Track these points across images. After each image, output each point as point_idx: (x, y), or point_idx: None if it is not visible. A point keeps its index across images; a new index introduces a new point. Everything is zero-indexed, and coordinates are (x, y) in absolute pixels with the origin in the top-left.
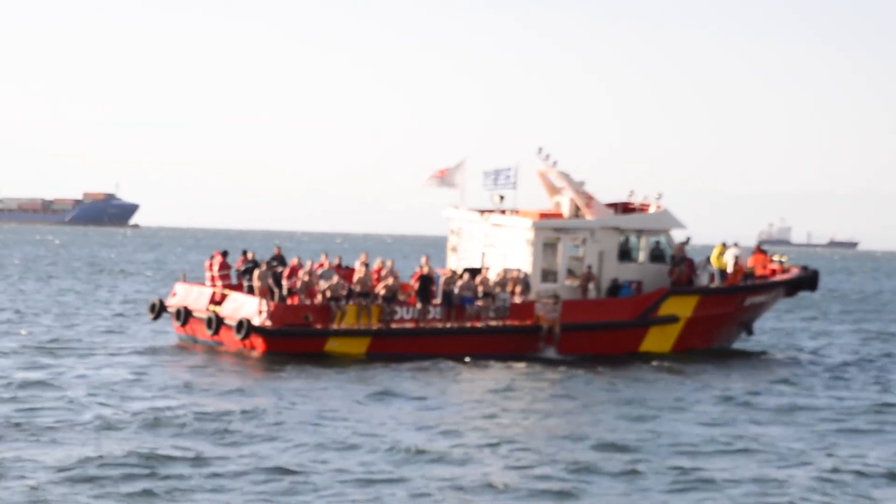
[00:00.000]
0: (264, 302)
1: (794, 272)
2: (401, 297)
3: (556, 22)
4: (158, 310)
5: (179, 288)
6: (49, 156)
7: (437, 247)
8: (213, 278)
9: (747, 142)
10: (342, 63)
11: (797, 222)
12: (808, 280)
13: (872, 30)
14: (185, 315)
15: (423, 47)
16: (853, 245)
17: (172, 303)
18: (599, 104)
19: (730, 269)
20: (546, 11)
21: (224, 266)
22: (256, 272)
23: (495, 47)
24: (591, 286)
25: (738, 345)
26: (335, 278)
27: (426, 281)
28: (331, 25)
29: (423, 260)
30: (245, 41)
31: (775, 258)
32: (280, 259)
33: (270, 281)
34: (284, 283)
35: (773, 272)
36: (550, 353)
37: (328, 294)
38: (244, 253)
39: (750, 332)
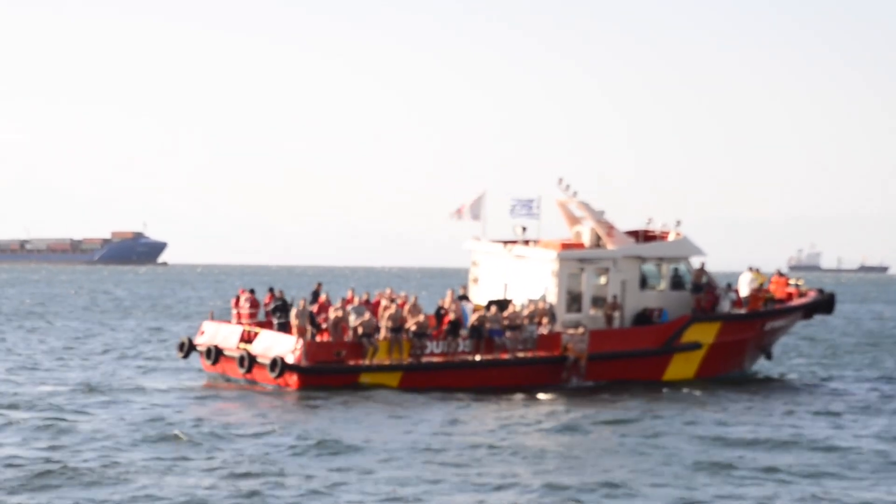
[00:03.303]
0: (300, 340)
1: (812, 296)
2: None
3: (575, 52)
4: (188, 348)
5: (208, 326)
6: (77, 196)
7: (457, 279)
8: (239, 315)
9: (775, 167)
10: (364, 100)
11: (827, 247)
12: (824, 303)
13: None
14: (215, 353)
15: (440, 79)
16: (884, 269)
17: (201, 341)
18: (622, 133)
19: (743, 294)
20: (565, 44)
21: (254, 304)
22: (294, 310)
23: (514, 81)
24: (615, 315)
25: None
26: (367, 314)
27: (455, 323)
28: (351, 67)
29: (448, 296)
30: (271, 81)
31: (791, 282)
32: (315, 296)
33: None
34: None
35: (791, 296)
36: (576, 382)
37: (360, 330)
38: (270, 290)
39: (769, 356)
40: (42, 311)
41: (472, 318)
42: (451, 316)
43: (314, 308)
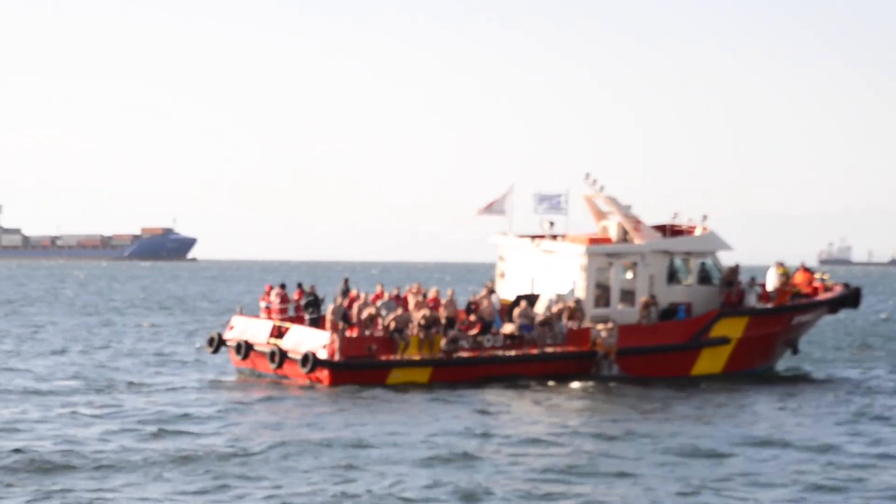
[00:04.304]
0: (331, 335)
1: (837, 290)
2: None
3: (599, 53)
4: (217, 343)
5: (237, 321)
6: (107, 192)
7: (479, 274)
8: (268, 310)
9: (805, 161)
10: (389, 101)
11: (858, 241)
12: (850, 298)
13: None
14: (245, 348)
15: (462, 80)
16: None
17: (231, 336)
18: (651, 129)
19: (769, 288)
20: (588, 45)
21: (284, 299)
22: (330, 306)
23: (537, 82)
24: (652, 311)
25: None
26: (399, 310)
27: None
28: (377, 69)
29: (483, 292)
30: (300, 81)
31: (817, 276)
32: (346, 291)
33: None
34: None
35: (816, 290)
36: (608, 370)
37: (392, 325)
38: (299, 286)
39: (795, 350)
40: (64, 304)
41: (503, 318)
42: (481, 314)
43: (345, 303)
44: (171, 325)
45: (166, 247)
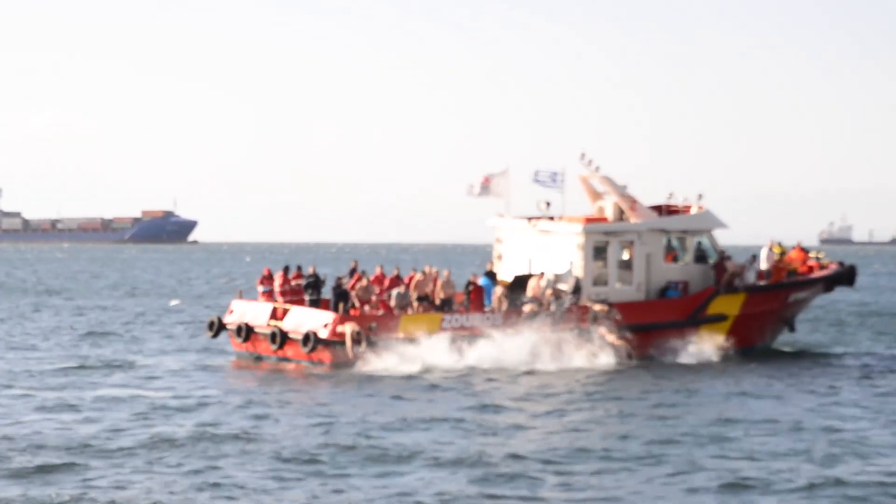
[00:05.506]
0: (330, 314)
1: (833, 268)
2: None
3: (595, 34)
4: (217, 327)
5: (236, 304)
6: (107, 175)
7: (477, 255)
8: (268, 293)
9: (806, 140)
10: (388, 81)
11: (858, 220)
12: (846, 276)
13: None
14: (246, 331)
15: (460, 59)
16: None
17: (231, 320)
18: (650, 108)
19: (763, 266)
20: (584, 21)
21: (287, 282)
22: (357, 293)
23: (534, 60)
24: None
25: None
26: (403, 288)
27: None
28: (374, 47)
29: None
30: (298, 60)
31: (812, 255)
32: (352, 272)
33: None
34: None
35: (812, 269)
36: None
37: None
38: (299, 268)
39: (792, 328)
40: (62, 288)
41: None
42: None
43: (350, 283)
44: (168, 309)
45: (167, 230)
